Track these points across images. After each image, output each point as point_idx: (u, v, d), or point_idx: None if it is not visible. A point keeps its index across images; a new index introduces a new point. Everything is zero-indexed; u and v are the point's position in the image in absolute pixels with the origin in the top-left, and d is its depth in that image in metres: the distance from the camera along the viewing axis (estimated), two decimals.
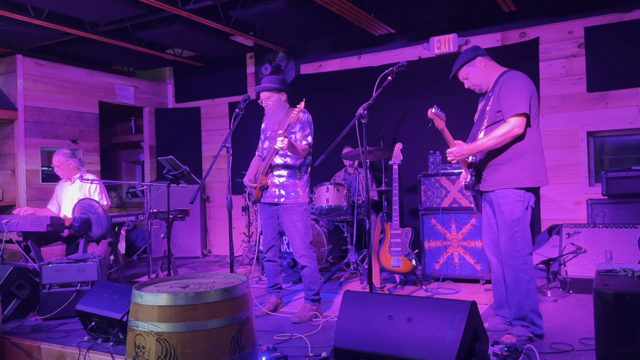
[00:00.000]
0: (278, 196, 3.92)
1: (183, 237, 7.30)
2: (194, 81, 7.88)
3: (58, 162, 5.08)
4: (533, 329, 3.12)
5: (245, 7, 5.43)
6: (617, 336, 2.30)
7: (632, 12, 5.16)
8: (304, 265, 3.93)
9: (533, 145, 3.15)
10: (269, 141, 4.01)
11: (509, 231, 3.14)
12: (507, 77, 3.20)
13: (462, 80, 3.38)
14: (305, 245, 3.92)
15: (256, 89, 4.07)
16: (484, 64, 3.30)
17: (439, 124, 3.12)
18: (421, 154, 5.50)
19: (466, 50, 3.37)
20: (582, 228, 4.46)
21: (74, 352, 3.25)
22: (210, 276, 2.79)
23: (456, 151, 3.16)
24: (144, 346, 2.30)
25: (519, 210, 3.12)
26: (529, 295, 3.12)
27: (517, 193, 3.13)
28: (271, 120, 4.03)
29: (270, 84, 3.98)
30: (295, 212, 3.90)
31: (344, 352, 2.55)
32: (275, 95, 3.98)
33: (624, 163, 5.32)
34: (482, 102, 3.36)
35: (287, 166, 3.92)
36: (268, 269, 4.13)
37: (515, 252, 3.13)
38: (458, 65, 3.34)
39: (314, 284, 3.94)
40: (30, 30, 5.83)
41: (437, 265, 5.00)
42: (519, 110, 3.05)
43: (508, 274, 3.18)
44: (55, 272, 3.98)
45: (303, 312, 3.83)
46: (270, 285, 4.15)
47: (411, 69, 3.44)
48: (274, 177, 3.94)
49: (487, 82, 3.31)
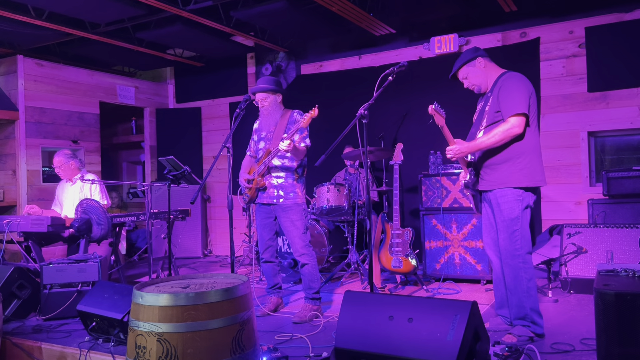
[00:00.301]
0: (277, 197, 3.93)
1: (184, 237, 7.31)
2: (195, 81, 7.88)
3: (59, 162, 5.10)
4: (534, 329, 3.12)
5: (246, 8, 5.43)
6: (618, 336, 2.30)
7: (632, 12, 5.16)
8: (305, 263, 3.94)
9: (532, 145, 3.17)
10: (265, 142, 4.01)
11: (508, 230, 3.15)
12: (506, 78, 3.22)
13: (462, 80, 3.39)
14: (304, 243, 3.94)
15: (252, 89, 4.09)
16: (483, 65, 3.32)
17: (439, 120, 3.13)
18: (422, 154, 5.50)
19: (467, 51, 3.39)
20: (583, 228, 4.46)
21: (75, 353, 3.25)
22: (211, 276, 2.79)
23: (456, 149, 3.18)
24: (145, 346, 2.30)
25: (518, 210, 3.13)
26: (529, 294, 3.12)
27: (515, 192, 3.14)
28: (267, 121, 4.03)
29: (266, 85, 4.00)
30: (294, 211, 3.92)
31: (345, 352, 2.55)
32: (271, 97, 3.99)
33: (624, 163, 5.32)
34: (481, 103, 3.38)
35: (285, 168, 3.94)
36: (266, 270, 4.13)
37: (514, 251, 3.14)
38: (458, 65, 3.36)
39: (314, 282, 3.95)
40: (31, 30, 5.84)
41: (437, 265, 5.00)
42: (518, 110, 3.07)
43: (507, 273, 3.19)
44: (56, 272, 3.98)
45: (304, 312, 3.84)
46: (269, 286, 4.16)
47: (412, 69, 3.44)
48: (272, 178, 3.95)
49: (486, 83, 3.33)
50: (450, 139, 3.19)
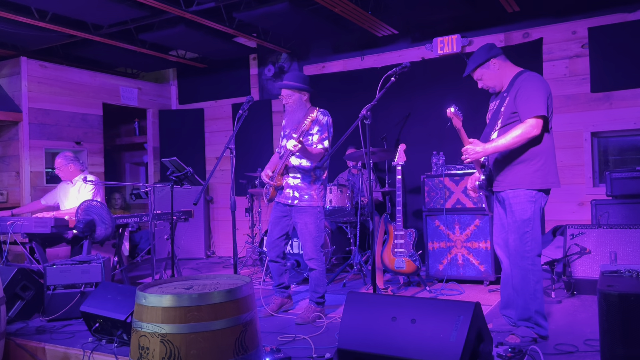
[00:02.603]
0: (292, 198, 3.88)
1: (187, 238, 7.31)
2: (198, 82, 7.89)
3: (59, 164, 5.19)
4: (538, 330, 3.11)
5: (249, 9, 5.44)
6: (621, 337, 2.29)
7: (635, 12, 5.15)
8: (313, 268, 3.89)
9: (547, 147, 3.14)
10: (287, 139, 3.93)
11: (519, 231, 3.12)
12: (525, 78, 3.16)
13: (477, 80, 3.35)
14: (316, 248, 3.88)
15: (278, 85, 3.97)
16: (497, 67, 3.25)
17: (457, 123, 3.09)
18: (425, 155, 5.49)
19: (481, 50, 3.30)
20: (586, 229, 4.44)
21: (79, 353, 3.26)
22: (214, 277, 2.79)
23: (471, 150, 3.10)
24: (148, 347, 2.30)
25: (530, 211, 3.10)
26: (535, 296, 3.10)
27: (528, 194, 3.11)
28: (291, 118, 3.94)
29: (292, 82, 3.88)
30: (308, 214, 3.86)
31: (348, 353, 2.55)
32: (296, 94, 3.89)
33: (628, 163, 5.30)
34: (496, 102, 3.32)
35: (302, 168, 3.85)
36: (272, 268, 4.08)
37: (524, 252, 3.11)
38: (472, 67, 3.29)
39: (320, 287, 3.91)
40: (34, 32, 5.86)
41: (440, 266, 4.99)
42: (537, 112, 3.02)
43: (516, 275, 3.17)
44: (59, 273, 3.99)
45: (307, 314, 3.82)
46: (276, 284, 4.11)
47: (414, 69, 3.44)
48: (289, 177, 3.89)
49: (501, 83, 3.28)
50: (466, 140, 3.14)
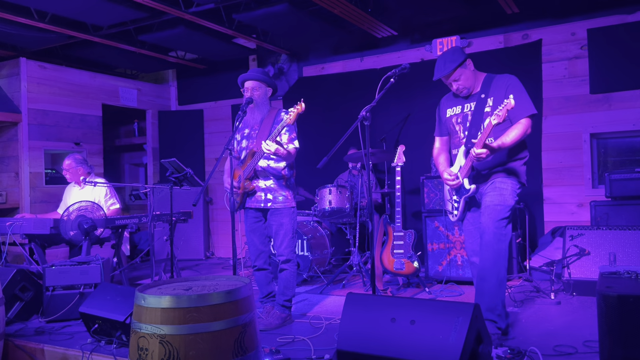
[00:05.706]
0: (265, 201, 3.72)
1: (186, 239, 7.31)
2: (197, 83, 7.89)
3: (68, 166, 5.16)
4: (500, 324, 3.16)
5: (248, 10, 5.45)
6: (621, 339, 2.29)
7: (635, 13, 5.16)
8: (283, 269, 3.75)
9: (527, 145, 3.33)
10: (248, 141, 3.77)
11: (500, 215, 3.16)
12: (510, 78, 3.25)
13: (452, 81, 3.30)
14: (290, 249, 3.75)
15: (242, 77, 3.74)
16: (472, 67, 3.32)
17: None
18: (424, 156, 5.49)
19: (453, 51, 3.29)
20: (585, 230, 4.44)
21: (78, 355, 3.26)
22: (213, 278, 2.79)
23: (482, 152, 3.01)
24: (147, 348, 2.30)
25: (514, 201, 3.22)
26: (502, 283, 3.19)
27: (515, 185, 3.24)
28: (253, 116, 3.74)
29: (259, 74, 3.72)
30: (284, 215, 3.74)
31: (347, 354, 2.55)
32: (263, 89, 3.72)
33: (627, 165, 5.30)
34: (466, 104, 3.33)
35: (273, 170, 3.72)
36: (259, 278, 3.87)
37: (501, 235, 3.16)
38: (452, 67, 3.24)
39: (289, 289, 3.75)
40: (33, 33, 5.86)
41: (440, 267, 4.99)
42: (532, 111, 3.16)
43: (488, 257, 3.16)
44: (58, 274, 3.99)
45: (271, 319, 3.67)
46: (263, 295, 3.89)
47: (414, 71, 3.43)
48: (259, 181, 3.73)
49: (474, 85, 3.34)
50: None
